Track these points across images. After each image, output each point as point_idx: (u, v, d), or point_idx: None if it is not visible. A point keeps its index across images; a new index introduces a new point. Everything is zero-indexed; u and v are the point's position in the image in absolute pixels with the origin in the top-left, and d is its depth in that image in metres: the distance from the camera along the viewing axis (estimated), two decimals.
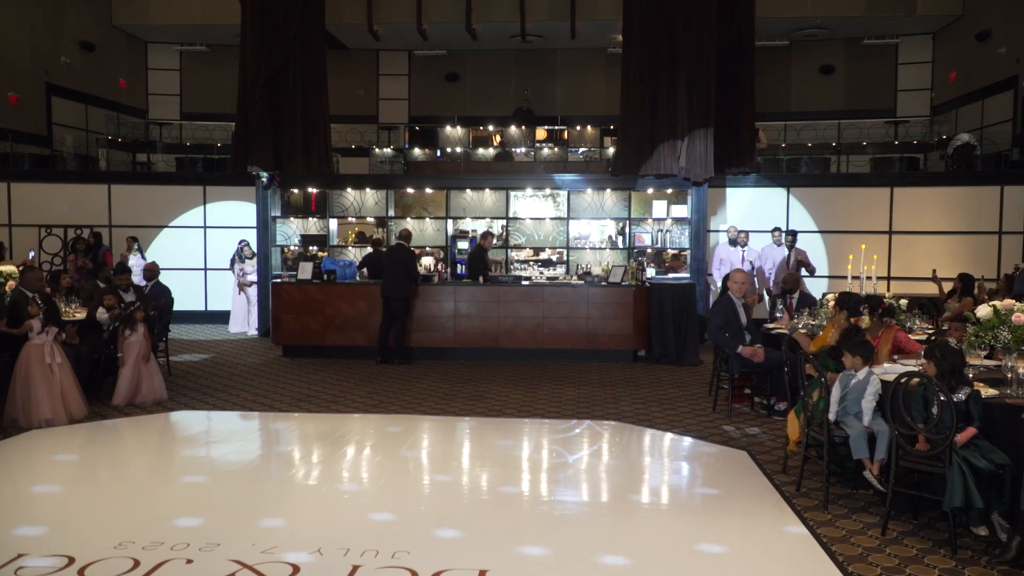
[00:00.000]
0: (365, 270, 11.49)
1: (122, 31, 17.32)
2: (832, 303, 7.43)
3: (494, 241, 11.76)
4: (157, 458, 6.24)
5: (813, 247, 12.79)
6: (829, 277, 12.66)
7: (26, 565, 3.93)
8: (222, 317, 13.22)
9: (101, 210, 13.67)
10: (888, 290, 11.59)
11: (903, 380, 4.44)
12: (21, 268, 8.07)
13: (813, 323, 7.40)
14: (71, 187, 13.77)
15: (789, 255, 11.26)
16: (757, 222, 12.80)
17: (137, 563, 3.96)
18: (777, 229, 11.73)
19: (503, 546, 4.28)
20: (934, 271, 10.72)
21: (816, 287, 11.73)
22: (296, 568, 3.94)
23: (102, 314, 7.91)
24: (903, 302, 7.12)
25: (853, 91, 17.42)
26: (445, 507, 4.92)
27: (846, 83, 17.49)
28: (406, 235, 10.32)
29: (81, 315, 8.12)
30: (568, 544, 4.32)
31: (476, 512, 4.85)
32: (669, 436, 6.74)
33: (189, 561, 4.00)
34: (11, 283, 7.94)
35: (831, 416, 4.95)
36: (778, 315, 8.24)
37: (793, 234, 11.51)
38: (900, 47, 16.94)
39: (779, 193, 12.99)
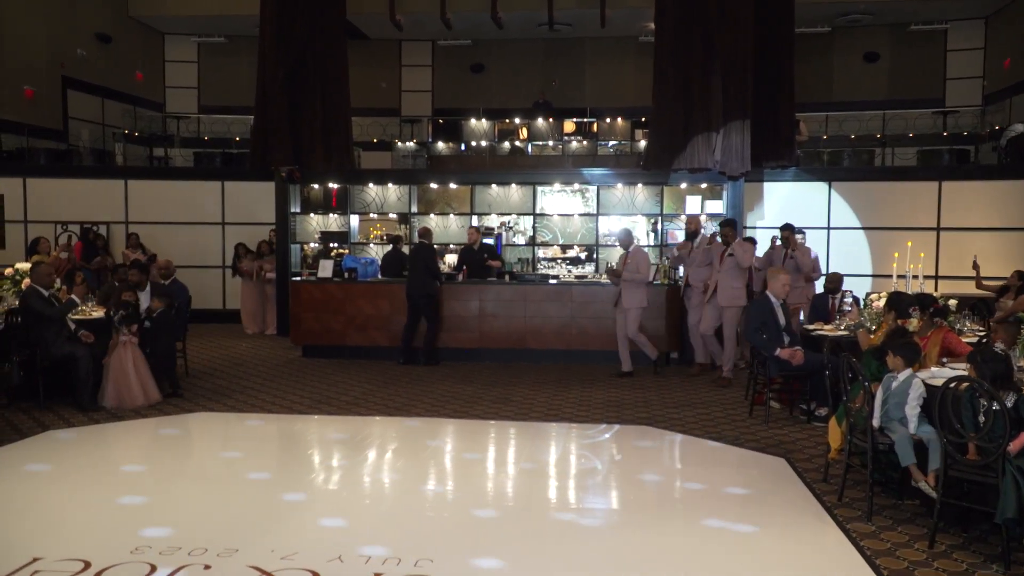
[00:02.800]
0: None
1: (139, 22, 17.55)
2: (876, 303, 7.34)
3: (478, 236, 11.65)
4: (174, 460, 6.31)
5: (856, 244, 12.65)
6: (873, 276, 12.51)
7: (42, 569, 4.00)
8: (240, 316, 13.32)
9: (117, 206, 13.86)
10: (936, 290, 11.41)
11: (952, 385, 4.38)
12: (31, 264, 8.22)
13: (866, 325, 7.31)
14: (87, 183, 13.97)
15: (785, 254, 10.12)
16: (796, 218, 12.66)
17: (154, 568, 4.01)
18: (788, 226, 10.47)
19: (527, 556, 4.28)
20: (975, 258, 10.42)
21: (860, 287, 11.58)
22: (315, 575, 3.97)
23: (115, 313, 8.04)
24: (952, 302, 7.02)
25: (899, 80, 17.18)
26: (469, 515, 4.93)
27: (892, 71, 17.26)
28: (426, 233, 10.44)
29: (98, 314, 8.24)
30: (592, 556, 4.31)
31: (501, 520, 4.85)
32: (703, 442, 6.70)
33: (207, 567, 4.04)
34: (26, 281, 8.09)
35: (875, 422, 4.89)
36: (847, 309, 8.14)
37: (791, 230, 10.31)
38: (949, 32, 16.68)
39: (820, 188, 12.85)
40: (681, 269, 10.10)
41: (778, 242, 10.58)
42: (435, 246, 10.90)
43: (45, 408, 7.39)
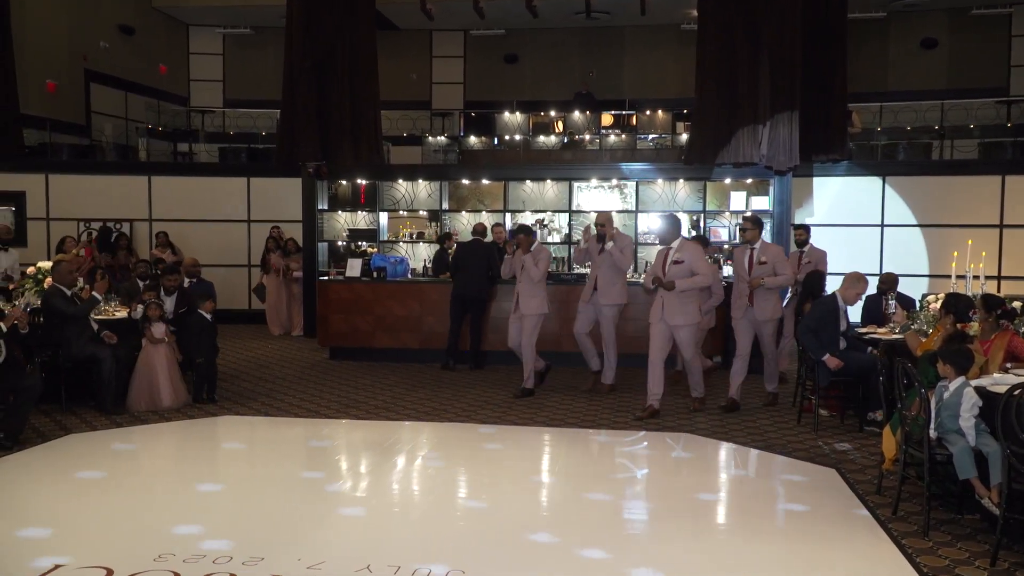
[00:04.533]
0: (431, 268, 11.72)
1: (162, 13, 17.84)
2: (933, 305, 7.23)
3: (505, 234, 11.35)
4: (198, 465, 6.41)
5: (912, 243, 12.47)
6: (930, 277, 12.32)
7: None
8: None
9: (141, 203, 14.08)
10: (998, 291, 11.22)
11: (1016, 392, 4.29)
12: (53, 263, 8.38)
13: (912, 327, 7.20)
14: (110, 179, 14.21)
15: (801, 255, 9.35)
16: (848, 215, 12.53)
17: None
18: (802, 226, 9.85)
19: (566, 566, 4.28)
20: None
21: (916, 288, 11.41)
22: None
23: (137, 311, 8.18)
24: (1016, 304, 6.89)
25: (959, 67, 16.90)
26: (499, 523, 4.94)
27: (951, 58, 16.98)
28: (481, 230, 10.38)
29: (121, 314, 8.38)
30: (640, 570, 4.30)
31: (534, 529, 4.85)
32: (748, 451, 6.64)
33: (232, 575, 4.10)
34: (48, 280, 8.26)
35: (931, 432, 4.82)
36: (891, 311, 8.04)
37: (806, 228, 9.70)
38: (1013, 16, 16.36)
39: (873, 183, 12.68)
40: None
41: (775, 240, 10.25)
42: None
43: (67, 411, 7.54)
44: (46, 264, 8.67)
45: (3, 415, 6.53)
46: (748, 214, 8.27)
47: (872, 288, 9.52)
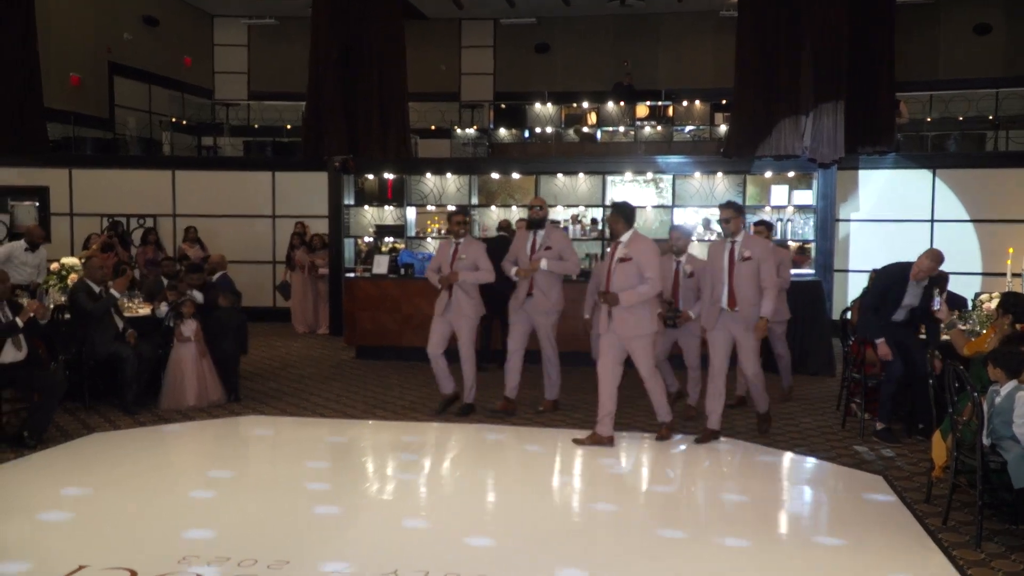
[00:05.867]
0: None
1: (187, 4, 18.05)
2: (987, 305, 7.11)
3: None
4: (222, 466, 6.47)
5: (963, 239, 12.26)
6: (983, 275, 12.13)
7: None
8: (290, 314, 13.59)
9: (165, 198, 14.26)
10: None
11: None
12: (83, 260, 8.51)
13: (963, 328, 7.10)
14: (134, 173, 14.40)
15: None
16: (895, 210, 12.36)
17: None
18: (763, 223, 9.07)
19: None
20: None
21: (967, 286, 11.23)
22: None
23: (162, 309, 8.28)
24: None
25: (1015, 54, 16.60)
26: (528, 527, 4.94)
27: (1006, 44, 16.69)
28: (506, 226, 10.56)
29: (145, 311, 8.50)
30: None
31: (564, 534, 4.84)
32: (790, 456, 6.59)
33: None
34: (73, 275, 8.39)
35: (984, 439, 4.74)
36: (935, 307, 7.90)
37: (768, 226, 8.92)
38: None
39: (923, 176, 12.50)
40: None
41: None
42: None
43: (91, 409, 7.65)
44: (69, 260, 8.81)
45: (27, 414, 6.65)
46: (727, 201, 7.02)
47: None
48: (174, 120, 17.40)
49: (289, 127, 17.47)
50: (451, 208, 8.87)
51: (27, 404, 6.83)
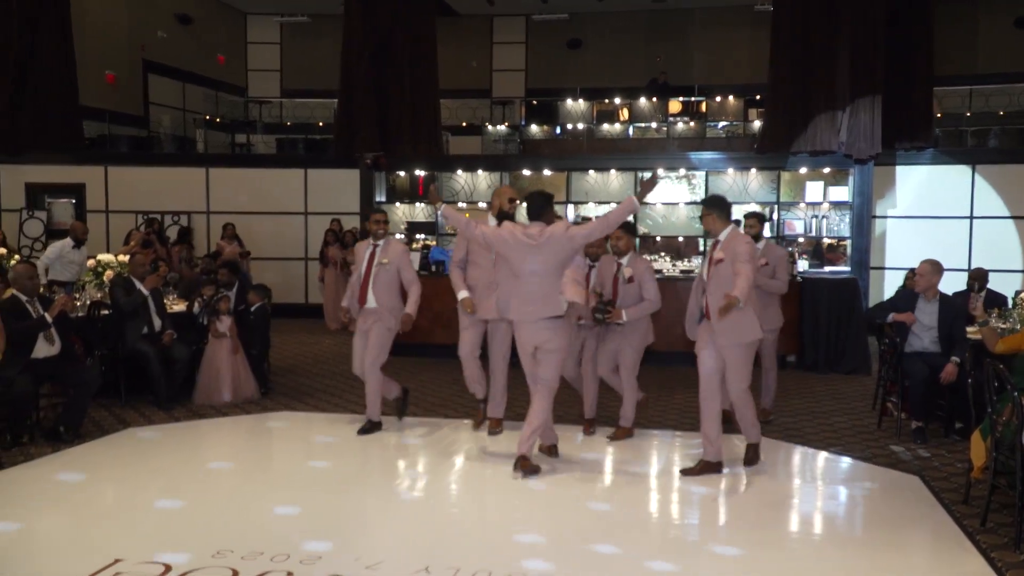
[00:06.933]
0: None
1: (220, 2, 18.25)
2: None
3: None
4: (255, 461, 6.55)
5: (1003, 236, 12.08)
6: None
7: (123, 571, 4.21)
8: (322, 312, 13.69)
9: (198, 195, 14.43)
10: None
11: None
12: (128, 256, 8.63)
13: (1003, 327, 7.00)
14: (168, 171, 14.60)
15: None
16: (934, 206, 12.19)
17: (236, 573, 4.18)
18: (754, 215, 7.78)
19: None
20: None
21: (1008, 283, 11.07)
22: None
23: (195, 307, 8.38)
24: None
25: None
26: (558, 524, 4.94)
27: None
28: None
29: (180, 307, 8.61)
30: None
31: (597, 539, 4.84)
32: (824, 456, 6.53)
33: (289, 574, 4.18)
34: (109, 272, 8.53)
35: None
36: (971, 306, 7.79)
37: (759, 219, 7.75)
38: None
39: (962, 172, 12.32)
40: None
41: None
42: None
43: (126, 405, 7.76)
44: (105, 257, 8.94)
45: (62, 409, 6.76)
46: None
47: (961, 284, 9.28)
48: (208, 118, 17.60)
49: (321, 124, 17.60)
50: (375, 208, 7.99)
51: (63, 399, 6.94)
